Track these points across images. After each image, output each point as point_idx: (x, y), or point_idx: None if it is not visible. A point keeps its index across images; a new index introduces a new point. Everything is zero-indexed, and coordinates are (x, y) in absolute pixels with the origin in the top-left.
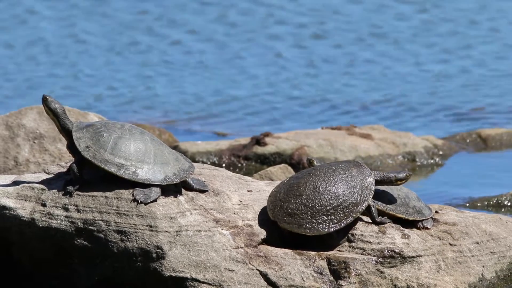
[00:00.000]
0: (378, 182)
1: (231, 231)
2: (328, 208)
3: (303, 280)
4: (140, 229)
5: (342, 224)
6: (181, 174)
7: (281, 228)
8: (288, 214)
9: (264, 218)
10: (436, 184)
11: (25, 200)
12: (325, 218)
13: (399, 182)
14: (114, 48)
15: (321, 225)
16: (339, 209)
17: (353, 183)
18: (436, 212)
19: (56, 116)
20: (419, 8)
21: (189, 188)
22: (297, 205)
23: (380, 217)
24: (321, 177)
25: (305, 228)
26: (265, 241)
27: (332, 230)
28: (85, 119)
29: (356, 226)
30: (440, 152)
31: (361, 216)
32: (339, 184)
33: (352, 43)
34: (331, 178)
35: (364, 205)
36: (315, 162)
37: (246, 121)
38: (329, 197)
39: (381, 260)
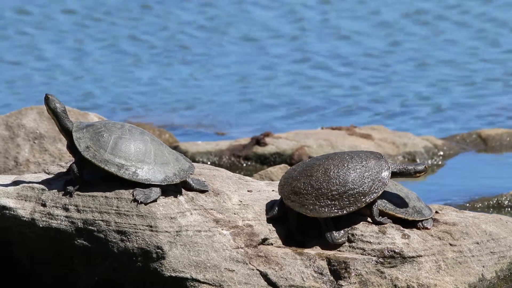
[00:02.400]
0: (396, 174)
1: (231, 231)
2: (334, 193)
3: (303, 280)
4: (140, 229)
5: (345, 211)
6: (181, 174)
7: (285, 205)
8: (294, 193)
9: (264, 218)
10: (436, 184)
11: (25, 200)
12: (329, 202)
13: (418, 175)
14: (110, 48)
15: (323, 208)
16: (344, 196)
17: (367, 173)
18: (436, 212)
19: (56, 116)
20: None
21: (189, 188)
22: (305, 185)
23: (380, 217)
24: (336, 162)
25: (307, 208)
26: (265, 241)
27: (333, 215)
28: (85, 119)
29: (356, 226)
30: (440, 152)
31: (361, 216)
32: (351, 172)
33: (352, 43)
34: (345, 165)
35: (372, 197)
36: None
37: (246, 121)
38: (338, 182)
39: (381, 260)
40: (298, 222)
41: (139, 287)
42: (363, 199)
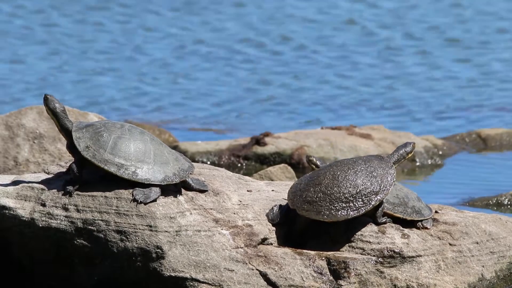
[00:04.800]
0: (395, 164)
1: (231, 231)
2: (346, 195)
3: (303, 280)
4: (139, 229)
5: (361, 212)
6: (180, 174)
7: (300, 217)
8: (307, 202)
9: (264, 218)
10: (436, 184)
11: (25, 200)
12: (344, 205)
13: (410, 155)
14: (112, 48)
15: (339, 212)
16: (358, 197)
17: (374, 173)
18: (436, 212)
19: (55, 116)
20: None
21: (189, 188)
22: (316, 193)
23: (382, 217)
24: (341, 167)
25: (323, 214)
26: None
27: (350, 217)
28: (85, 119)
29: (355, 226)
30: (440, 152)
31: (360, 216)
32: (359, 174)
33: (352, 44)
34: (351, 168)
35: (383, 194)
36: (315, 160)
37: (246, 121)
38: (348, 185)
39: (381, 260)
40: (306, 229)
41: (139, 287)
42: (376, 198)
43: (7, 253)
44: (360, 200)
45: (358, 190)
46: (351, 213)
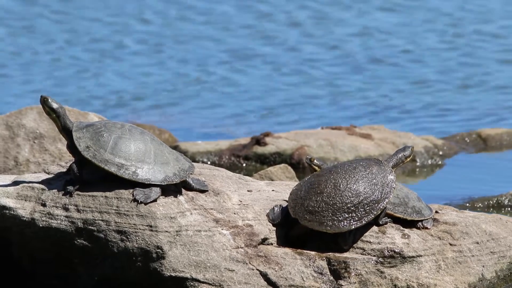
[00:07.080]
0: (395, 166)
1: (231, 231)
2: (349, 205)
3: (303, 280)
4: (140, 229)
5: (363, 222)
6: (181, 174)
7: (301, 225)
8: (309, 212)
9: (264, 218)
10: (436, 184)
11: (25, 200)
12: (346, 215)
13: (408, 159)
14: (110, 46)
15: (342, 223)
16: (360, 207)
17: (374, 180)
18: (436, 212)
19: (57, 116)
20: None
21: (189, 188)
22: (318, 202)
23: (383, 219)
24: (342, 174)
25: (326, 225)
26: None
27: (353, 227)
28: (85, 119)
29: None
30: (440, 152)
31: None
32: (360, 182)
33: (353, 44)
34: (352, 176)
35: (385, 203)
36: (316, 162)
37: (246, 121)
38: (350, 194)
39: (381, 260)
40: (305, 234)
41: (139, 287)
42: (378, 206)
43: (7, 253)
44: (362, 209)
45: (360, 200)
46: (354, 223)
